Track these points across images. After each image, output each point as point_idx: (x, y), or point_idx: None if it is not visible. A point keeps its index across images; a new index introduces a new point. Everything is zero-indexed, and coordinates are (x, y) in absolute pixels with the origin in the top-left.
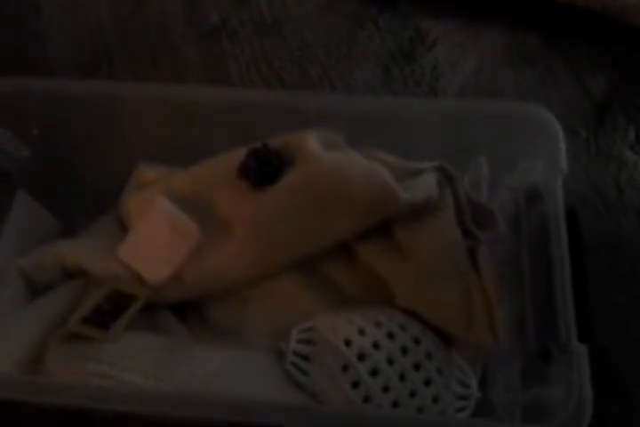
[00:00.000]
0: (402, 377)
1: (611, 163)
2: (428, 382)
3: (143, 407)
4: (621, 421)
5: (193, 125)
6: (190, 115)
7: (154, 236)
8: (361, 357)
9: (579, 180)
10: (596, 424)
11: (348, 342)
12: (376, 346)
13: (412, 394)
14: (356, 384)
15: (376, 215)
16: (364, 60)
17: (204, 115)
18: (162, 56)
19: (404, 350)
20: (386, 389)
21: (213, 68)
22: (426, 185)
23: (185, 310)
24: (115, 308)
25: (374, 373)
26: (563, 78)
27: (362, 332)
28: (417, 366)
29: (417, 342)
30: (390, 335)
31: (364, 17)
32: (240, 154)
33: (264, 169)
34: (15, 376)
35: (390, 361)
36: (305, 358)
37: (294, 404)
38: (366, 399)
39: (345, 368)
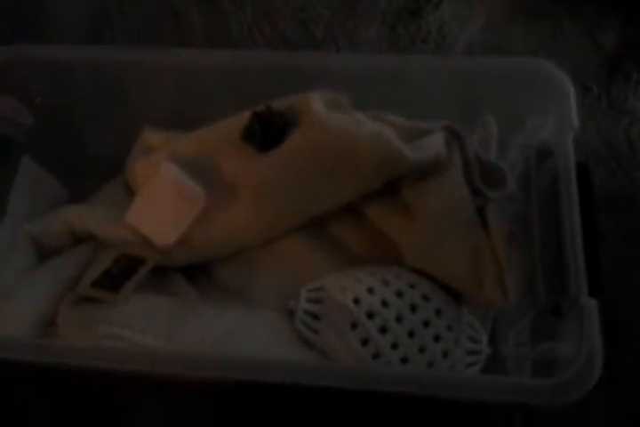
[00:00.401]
0: (411, 334)
1: (622, 118)
2: (437, 339)
3: (154, 368)
4: (632, 375)
5: (196, 90)
6: (194, 79)
7: (161, 200)
8: (370, 315)
9: (590, 135)
10: (607, 379)
11: (356, 301)
12: (385, 304)
13: (422, 350)
14: (365, 342)
15: (383, 176)
16: (369, 19)
17: (208, 79)
18: (163, 20)
19: (413, 308)
20: (395, 345)
21: (215, 31)
22: (433, 145)
23: (194, 272)
24: (124, 271)
25: (383, 330)
26: (573, 33)
27: (370, 290)
28: (426, 323)
29: (426, 299)
30: (399, 293)
31: None
32: (244, 117)
33: (268, 132)
34: (29, 339)
35: (399, 319)
36: (314, 316)
37: (305, 361)
38: (375, 356)
39: (354, 326)
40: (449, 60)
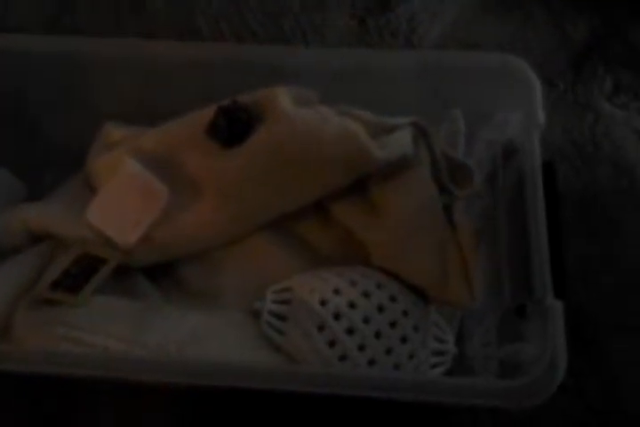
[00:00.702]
0: (378, 335)
1: (587, 114)
2: (404, 340)
3: (115, 372)
4: (596, 376)
5: (161, 82)
6: (159, 71)
7: (122, 198)
8: (337, 316)
9: (555, 132)
10: (572, 379)
11: (323, 302)
12: (352, 305)
13: (389, 351)
14: (332, 343)
15: (350, 174)
16: (338, 11)
17: (173, 71)
18: (126, 9)
19: (380, 309)
20: (362, 347)
21: (180, 22)
22: (400, 142)
23: (158, 272)
24: (84, 271)
25: (350, 331)
26: (543, 27)
27: (337, 291)
28: (393, 324)
29: (393, 300)
30: (366, 294)
31: None
32: (209, 112)
33: (233, 127)
34: None
35: (366, 320)
36: (281, 317)
37: (270, 365)
38: (342, 358)
39: (321, 328)
40: (417, 55)
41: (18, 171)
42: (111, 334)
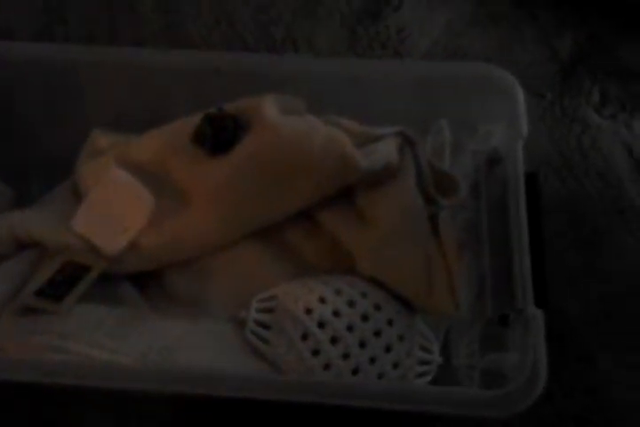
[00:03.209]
0: (362, 344)
1: (575, 125)
2: (388, 349)
3: (98, 382)
4: (579, 383)
5: (149, 90)
6: (147, 79)
7: (108, 205)
8: (321, 325)
9: (543, 142)
10: (556, 385)
11: (308, 311)
12: (336, 314)
13: (372, 361)
14: (316, 352)
15: (335, 183)
16: (329, 20)
17: (161, 79)
18: (117, 17)
19: (365, 317)
20: (346, 356)
21: (171, 30)
22: (385, 151)
23: (144, 280)
24: (69, 279)
25: (334, 340)
26: (530, 39)
27: (322, 300)
28: (377, 333)
29: (378, 308)
30: (351, 303)
31: None
32: (195, 120)
33: (220, 135)
34: None
35: (350, 328)
36: (265, 326)
37: (254, 374)
38: (326, 367)
39: (305, 337)
40: (404, 65)
41: (5, 179)
42: (95, 343)
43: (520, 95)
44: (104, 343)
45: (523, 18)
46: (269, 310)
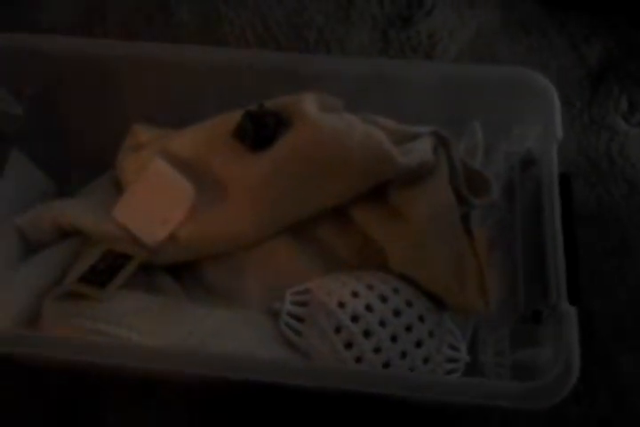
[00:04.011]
0: (393, 339)
1: (603, 132)
2: (419, 344)
3: (139, 363)
4: (606, 385)
5: (189, 86)
6: (187, 75)
7: (149, 197)
8: (354, 318)
9: (571, 149)
10: (582, 387)
11: (341, 304)
12: (369, 308)
13: (403, 355)
14: (349, 345)
15: (372, 179)
16: (361, 25)
17: (201, 75)
18: (156, 16)
19: (397, 313)
20: (378, 350)
21: (208, 31)
22: (421, 150)
23: (180, 271)
24: (110, 267)
25: (367, 334)
26: (559, 46)
27: (355, 294)
28: (409, 328)
29: (409, 304)
30: (383, 298)
31: None
32: (236, 115)
33: (260, 131)
34: (15, 331)
35: (382, 323)
36: (299, 319)
37: (291, 361)
38: (358, 360)
39: (338, 329)
40: (440, 66)
41: (47, 170)
42: (134, 327)
43: (555, 98)
44: (143, 328)
45: (552, 24)
46: (303, 304)
